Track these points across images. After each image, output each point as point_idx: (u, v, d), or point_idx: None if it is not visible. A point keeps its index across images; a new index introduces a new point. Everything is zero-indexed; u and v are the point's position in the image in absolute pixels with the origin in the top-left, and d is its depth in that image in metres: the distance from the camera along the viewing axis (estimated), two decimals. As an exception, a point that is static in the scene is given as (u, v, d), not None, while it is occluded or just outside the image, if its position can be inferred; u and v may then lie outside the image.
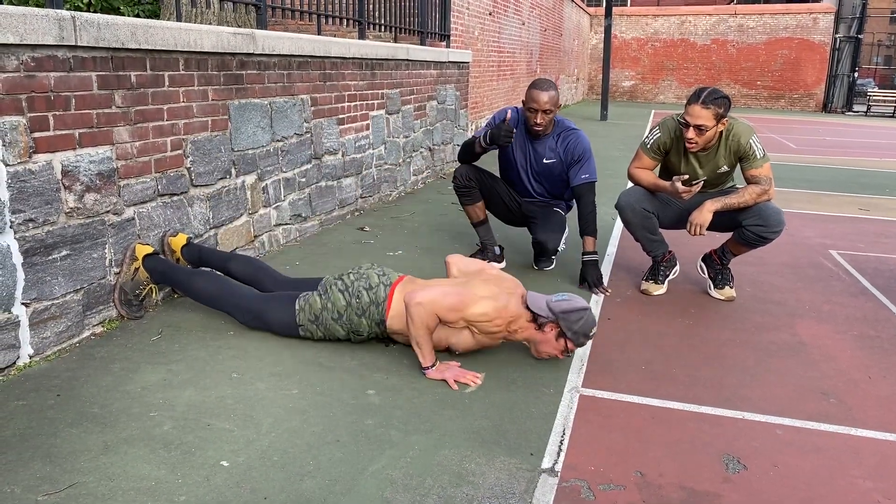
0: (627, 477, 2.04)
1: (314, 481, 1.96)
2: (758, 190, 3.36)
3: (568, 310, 2.62)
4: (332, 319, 2.79)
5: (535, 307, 2.66)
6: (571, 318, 2.61)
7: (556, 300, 2.65)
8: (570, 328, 2.62)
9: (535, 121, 3.67)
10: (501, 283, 2.75)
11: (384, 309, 2.75)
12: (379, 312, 2.75)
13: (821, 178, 7.98)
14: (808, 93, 22.52)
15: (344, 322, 2.79)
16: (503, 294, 2.67)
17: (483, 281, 2.74)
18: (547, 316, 2.64)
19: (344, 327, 2.80)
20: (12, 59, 2.41)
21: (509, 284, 2.76)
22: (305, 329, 2.84)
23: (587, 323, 2.63)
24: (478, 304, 2.60)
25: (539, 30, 15.07)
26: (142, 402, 2.37)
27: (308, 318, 2.82)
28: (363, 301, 2.76)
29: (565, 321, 2.62)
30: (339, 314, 2.78)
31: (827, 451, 2.22)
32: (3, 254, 2.44)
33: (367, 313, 2.76)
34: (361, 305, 2.76)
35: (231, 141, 3.67)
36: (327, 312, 2.79)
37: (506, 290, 2.70)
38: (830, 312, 3.49)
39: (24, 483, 1.91)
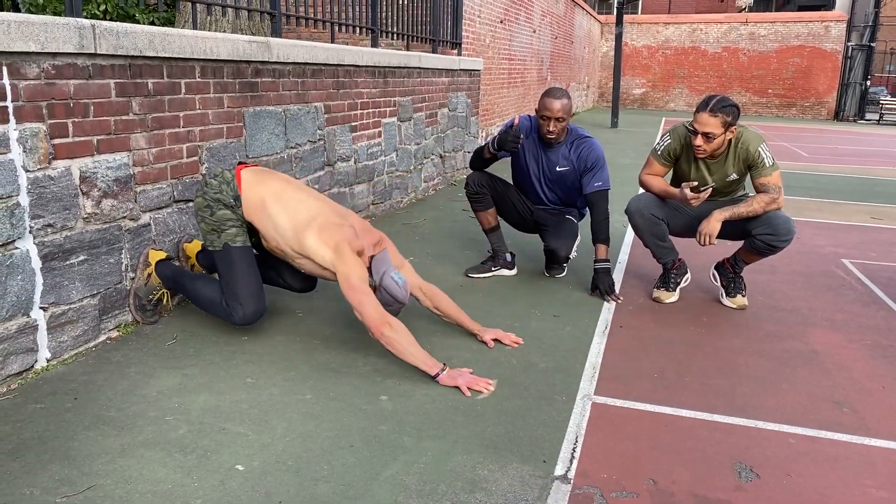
0: (640, 484, 2.05)
1: (328, 486, 1.98)
2: (766, 199, 3.36)
3: (388, 289, 2.73)
4: (206, 224, 2.88)
5: (374, 267, 2.80)
6: (384, 296, 2.74)
7: (391, 277, 2.75)
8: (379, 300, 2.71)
9: (549, 129, 3.69)
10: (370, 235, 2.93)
11: (235, 186, 2.87)
12: (232, 189, 2.86)
13: (833, 187, 7.96)
14: (820, 101, 22.43)
15: (214, 219, 2.86)
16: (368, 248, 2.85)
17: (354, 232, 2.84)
18: (374, 280, 2.77)
19: (214, 222, 2.87)
20: (33, 66, 2.44)
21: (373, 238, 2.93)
22: (210, 243, 2.91)
23: (389, 308, 2.74)
24: (352, 269, 2.70)
25: (550, 37, 15.10)
26: (158, 406, 2.39)
27: (206, 241, 2.92)
28: (212, 185, 2.89)
29: (380, 293, 2.74)
30: (204, 213, 2.88)
31: (840, 460, 2.22)
32: (23, 258, 2.48)
33: (222, 192, 2.86)
34: (213, 189, 2.88)
35: (246, 148, 3.70)
36: (202, 223, 2.90)
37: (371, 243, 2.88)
38: (843, 321, 3.48)
39: (43, 485, 1.93)
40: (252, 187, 2.86)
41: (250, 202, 2.85)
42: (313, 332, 3.12)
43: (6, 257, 2.41)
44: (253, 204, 2.85)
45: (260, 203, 2.84)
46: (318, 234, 2.75)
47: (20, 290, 2.48)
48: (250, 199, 2.85)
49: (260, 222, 2.85)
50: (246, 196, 2.85)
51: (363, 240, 2.82)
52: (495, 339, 3.04)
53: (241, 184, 2.87)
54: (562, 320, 3.38)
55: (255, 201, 2.85)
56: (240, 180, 2.88)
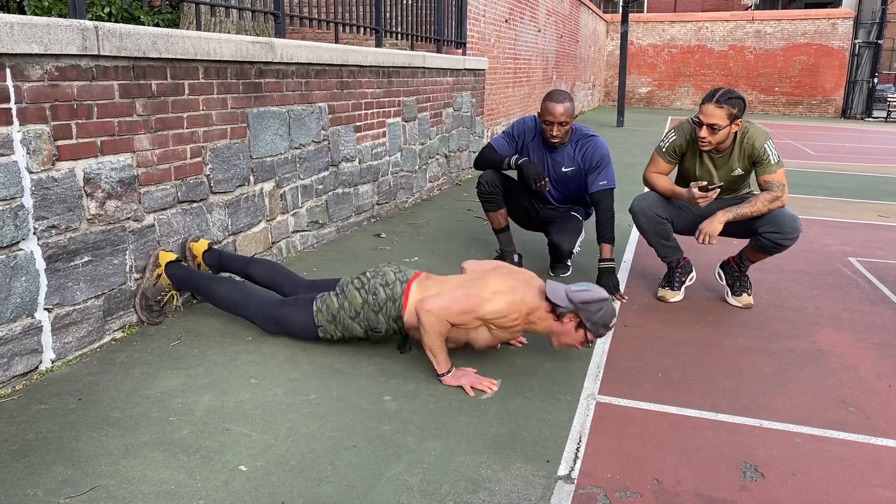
0: (644, 484, 2.04)
1: (331, 486, 1.97)
2: (769, 197, 3.34)
3: (588, 300, 2.58)
4: (350, 318, 2.80)
5: (555, 297, 2.61)
6: (591, 308, 2.58)
7: (575, 290, 2.61)
8: (590, 319, 2.58)
9: (552, 133, 3.70)
10: (517, 275, 2.74)
11: (401, 305, 2.74)
12: (396, 308, 2.75)
13: (840, 185, 7.92)
14: (827, 99, 22.32)
15: (361, 320, 2.79)
16: (520, 286, 2.65)
17: (498, 275, 2.72)
18: (566, 306, 2.59)
19: (361, 325, 2.80)
20: (37, 68, 2.45)
21: (525, 276, 2.74)
22: (324, 329, 2.85)
23: (607, 313, 2.59)
24: (491, 301, 2.59)
25: (555, 36, 15.07)
26: (161, 407, 2.39)
27: (326, 318, 2.83)
28: (380, 297, 2.76)
29: (585, 312, 2.58)
30: (357, 312, 2.79)
31: (846, 459, 2.20)
32: (27, 260, 2.48)
33: (385, 309, 2.76)
34: (378, 302, 2.76)
35: (250, 148, 3.71)
36: (344, 311, 2.80)
37: (522, 281, 2.68)
38: (850, 320, 3.46)
39: (47, 486, 1.93)
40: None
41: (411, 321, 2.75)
42: (317, 332, 3.12)
43: (10, 259, 2.42)
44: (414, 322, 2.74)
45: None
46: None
47: (24, 291, 2.49)
48: (411, 321, 2.75)
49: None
50: (408, 318, 2.75)
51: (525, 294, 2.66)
52: None
53: (407, 302, 2.74)
54: (566, 320, 3.37)
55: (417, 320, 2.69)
56: (407, 297, 2.75)
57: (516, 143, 3.95)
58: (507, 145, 3.95)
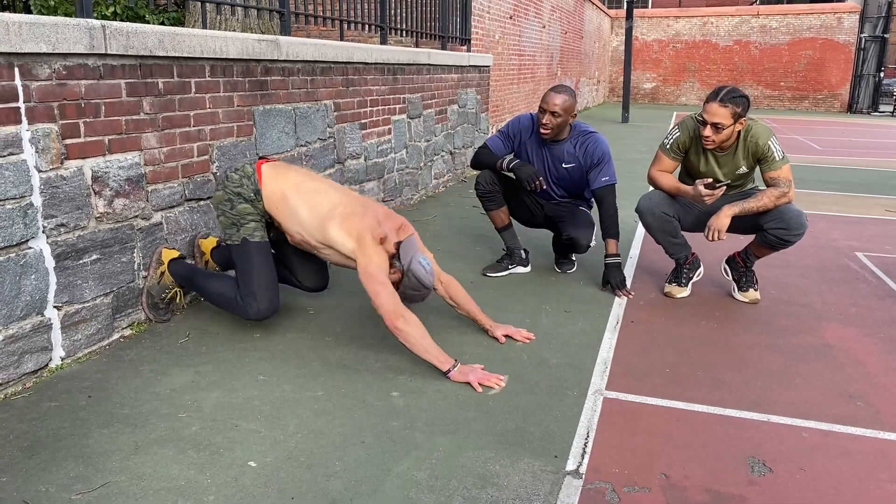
0: (652, 479, 2.04)
1: (340, 482, 1.98)
2: (776, 193, 3.34)
3: (416, 273, 2.68)
4: (226, 217, 2.91)
5: (402, 252, 2.74)
6: (411, 282, 2.69)
7: (419, 261, 2.70)
8: (406, 286, 2.71)
9: (542, 121, 3.67)
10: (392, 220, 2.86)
11: (255, 179, 2.89)
12: (252, 183, 2.88)
13: (846, 180, 7.89)
14: (833, 93, 22.24)
15: (234, 213, 2.89)
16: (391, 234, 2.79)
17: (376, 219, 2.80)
18: (401, 264, 2.72)
19: (234, 215, 2.89)
20: (45, 67, 2.46)
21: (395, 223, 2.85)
22: (229, 236, 2.93)
23: (417, 294, 2.72)
24: (376, 258, 2.69)
25: (559, 32, 15.05)
26: (171, 404, 2.41)
27: (225, 234, 2.94)
28: (233, 179, 2.90)
29: (408, 278, 2.70)
30: (225, 202, 2.90)
31: (854, 454, 2.20)
32: (36, 258, 2.50)
33: (243, 186, 2.88)
34: (234, 183, 2.89)
35: (256, 146, 3.72)
36: (222, 217, 2.93)
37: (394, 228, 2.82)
38: (857, 315, 3.46)
39: (59, 482, 1.95)
40: (272, 180, 2.88)
41: (271, 195, 2.87)
42: (325, 329, 3.13)
43: (20, 257, 2.44)
44: (273, 197, 2.87)
45: (280, 196, 2.85)
46: (340, 223, 2.75)
47: (34, 289, 2.50)
48: (271, 192, 2.87)
49: (281, 215, 2.87)
50: (266, 189, 2.87)
51: (385, 227, 2.80)
52: (506, 335, 3.04)
53: (261, 178, 2.89)
54: (573, 316, 3.38)
55: (275, 194, 2.86)
56: (260, 174, 2.90)
57: (512, 141, 3.92)
58: (503, 144, 3.93)
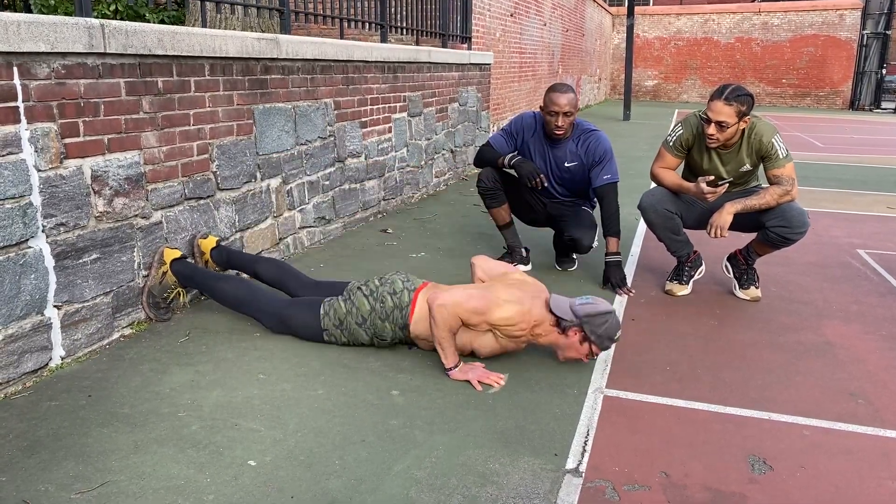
0: (652, 477, 2.04)
1: (340, 481, 1.98)
2: (779, 191, 3.33)
3: (592, 313, 2.60)
4: (357, 324, 2.81)
5: (559, 311, 2.64)
6: (596, 321, 2.59)
7: (579, 303, 2.63)
8: (595, 332, 2.60)
9: (557, 124, 3.67)
10: (525, 286, 2.75)
11: (408, 313, 2.76)
12: (402, 317, 2.77)
13: (848, 177, 7.88)
14: (835, 90, 22.19)
15: (368, 327, 2.80)
16: (527, 298, 2.66)
17: (507, 285, 2.73)
18: (571, 320, 2.61)
19: (368, 332, 2.82)
20: (44, 66, 2.46)
21: (533, 288, 2.75)
22: (330, 334, 2.86)
23: (611, 326, 2.61)
24: (501, 307, 2.60)
25: (561, 30, 15.03)
26: (170, 403, 2.41)
27: (332, 322, 2.84)
28: (387, 305, 2.78)
29: (589, 325, 2.59)
30: (364, 319, 2.80)
31: (855, 452, 2.20)
32: (36, 257, 2.50)
33: (391, 317, 2.78)
34: (385, 310, 2.78)
35: (256, 145, 3.71)
36: (351, 317, 2.81)
37: (530, 293, 2.70)
38: (858, 313, 3.45)
39: (58, 481, 1.95)
40: (423, 320, 2.75)
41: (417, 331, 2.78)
42: (325, 327, 3.13)
43: (20, 256, 2.44)
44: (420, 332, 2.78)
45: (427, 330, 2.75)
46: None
47: (34, 288, 2.50)
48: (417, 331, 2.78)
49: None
50: (414, 328, 2.78)
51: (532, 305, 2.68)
52: None
53: (413, 312, 2.76)
54: (573, 314, 3.37)
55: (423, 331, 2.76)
56: (414, 307, 2.76)
57: (515, 139, 3.92)
58: (506, 143, 3.92)
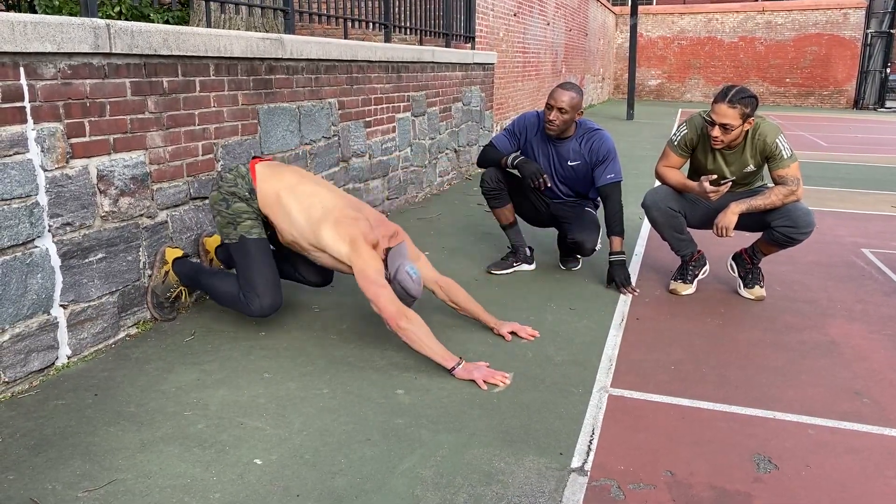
0: (657, 476, 2.04)
1: (345, 479, 1.99)
2: (784, 191, 3.33)
3: (402, 282, 2.71)
4: (222, 217, 2.90)
5: (390, 260, 2.78)
6: (398, 290, 2.71)
7: (406, 270, 2.72)
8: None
9: (549, 117, 3.67)
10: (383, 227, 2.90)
11: (250, 179, 2.90)
12: (247, 182, 2.89)
13: (853, 176, 7.86)
14: (839, 89, 22.14)
15: (229, 212, 2.88)
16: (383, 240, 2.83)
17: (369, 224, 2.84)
18: (387, 272, 2.74)
19: (230, 214, 2.88)
20: (50, 67, 2.47)
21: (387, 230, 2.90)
22: (226, 235, 2.92)
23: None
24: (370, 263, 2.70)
25: (564, 30, 15.02)
26: (176, 402, 2.42)
27: (221, 230, 2.93)
28: (227, 179, 2.91)
29: (394, 286, 2.71)
30: (220, 202, 2.89)
31: (860, 451, 2.20)
32: (42, 257, 2.51)
33: (237, 186, 2.88)
34: (228, 183, 2.90)
35: (261, 145, 3.72)
36: (218, 217, 2.92)
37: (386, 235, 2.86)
38: (863, 312, 3.45)
39: (65, 480, 1.96)
40: (266, 180, 2.89)
41: (265, 195, 2.87)
42: (329, 326, 3.14)
43: (26, 256, 2.45)
44: (268, 197, 2.87)
45: (275, 196, 2.85)
46: (333, 227, 2.75)
47: (40, 288, 2.51)
48: (265, 192, 2.87)
49: (275, 216, 2.87)
50: (261, 189, 2.88)
51: (378, 232, 2.82)
52: (512, 333, 3.04)
53: (255, 177, 2.90)
54: (578, 313, 3.37)
55: (269, 195, 2.87)
56: (254, 174, 2.91)
57: (518, 139, 3.92)
58: (509, 142, 3.92)
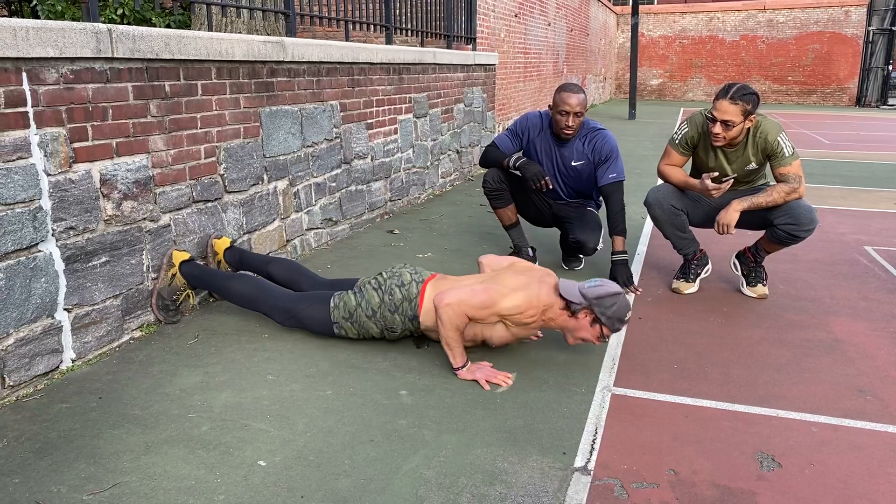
0: (660, 475, 2.04)
1: (349, 480, 1.99)
2: (786, 188, 3.33)
3: (601, 295, 2.60)
4: (367, 317, 2.83)
5: (568, 294, 2.64)
6: (605, 303, 2.60)
7: (588, 286, 2.63)
8: (605, 313, 2.60)
9: (567, 123, 3.67)
10: (532, 272, 2.77)
11: (416, 305, 2.78)
12: (412, 308, 2.79)
13: (855, 174, 7.85)
14: (841, 87, 22.11)
15: (377, 319, 2.82)
16: (534, 283, 2.67)
17: (514, 273, 2.75)
18: (580, 302, 2.62)
19: (378, 325, 2.83)
20: (52, 72, 2.48)
21: (540, 273, 2.77)
22: (340, 326, 2.88)
23: (621, 307, 2.61)
24: (508, 297, 2.61)
25: (565, 30, 15.02)
26: (181, 404, 2.42)
27: (342, 315, 2.86)
28: (395, 298, 2.80)
29: (599, 307, 2.60)
30: (373, 311, 2.82)
31: (864, 448, 2.20)
32: (46, 261, 2.52)
33: (400, 309, 2.79)
34: (394, 302, 2.80)
35: (263, 147, 3.73)
36: (361, 310, 2.83)
37: (536, 279, 2.71)
38: (866, 309, 3.44)
39: (70, 483, 1.97)
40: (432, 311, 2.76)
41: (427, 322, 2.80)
42: (333, 328, 3.14)
43: (30, 260, 2.46)
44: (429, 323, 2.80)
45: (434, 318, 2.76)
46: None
47: (44, 292, 2.52)
48: (427, 322, 2.80)
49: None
50: (423, 318, 2.80)
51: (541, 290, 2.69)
52: None
53: (423, 302, 2.78)
54: (580, 313, 3.37)
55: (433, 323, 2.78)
56: (422, 297, 2.79)
57: (521, 139, 3.93)
58: (511, 143, 3.93)
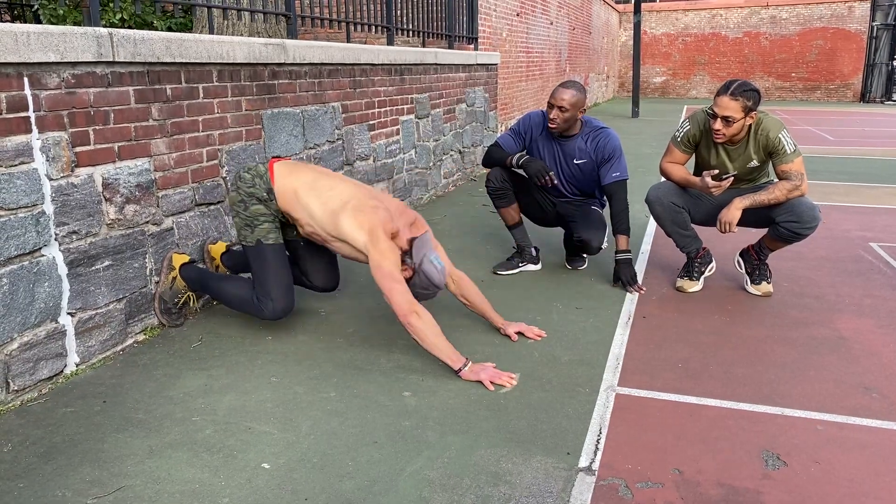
0: (665, 474, 2.04)
1: (353, 482, 1.99)
2: (788, 186, 3.32)
3: (427, 273, 2.70)
4: (240, 218, 2.93)
5: (415, 249, 2.75)
6: (422, 281, 2.71)
7: (430, 260, 2.72)
8: (415, 284, 2.73)
9: (550, 115, 3.68)
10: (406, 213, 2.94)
11: (268, 178, 2.91)
12: (265, 182, 2.90)
13: (860, 170, 7.82)
14: (845, 83, 22.03)
15: (247, 214, 2.91)
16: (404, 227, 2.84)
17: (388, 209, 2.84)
18: (411, 262, 2.74)
19: (250, 208, 2.90)
20: (54, 76, 2.49)
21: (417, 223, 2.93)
22: (244, 237, 2.95)
23: (424, 296, 2.76)
24: (389, 256, 2.70)
25: (567, 29, 15.01)
26: (184, 407, 2.43)
27: (241, 232, 2.95)
28: (245, 179, 2.92)
29: (418, 276, 2.72)
30: (238, 202, 2.92)
31: (870, 446, 2.19)
32: (49, 265, 2.52)
33: (255, 186, 2.89)
34: (246, 183, 2.91)
35: (265, 150, 3.73)
36: (236, 218, 2.95)
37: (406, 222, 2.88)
38: (872, 306, 3.43)
39: (75, 487, 1.97)
40: (285, 178, 2.90)
41: (283, 193, 2.89)
42: (336, 330, 3.14)
43: (33, 265, 2.46)
44: (286, 195, 2.89)
45: (293, 193, 2.87)
46: (352, 216, 2.75)
47: (48, 296, 2.53)
48: (283, 190, 2.89)
49: (294, 212, 2.89)
50: (279, 188, 2.90)
51: (398, 222, 2.81)
52: (518, 333, 3.04)
53: (273, 176, 2.91)
54: (584, 312, 3.37)
55: (288, 192, 2.89)
56: (273, 173, 2.92)
57: (523, 138, 3.92)
58: (514, 142, 3.92)
